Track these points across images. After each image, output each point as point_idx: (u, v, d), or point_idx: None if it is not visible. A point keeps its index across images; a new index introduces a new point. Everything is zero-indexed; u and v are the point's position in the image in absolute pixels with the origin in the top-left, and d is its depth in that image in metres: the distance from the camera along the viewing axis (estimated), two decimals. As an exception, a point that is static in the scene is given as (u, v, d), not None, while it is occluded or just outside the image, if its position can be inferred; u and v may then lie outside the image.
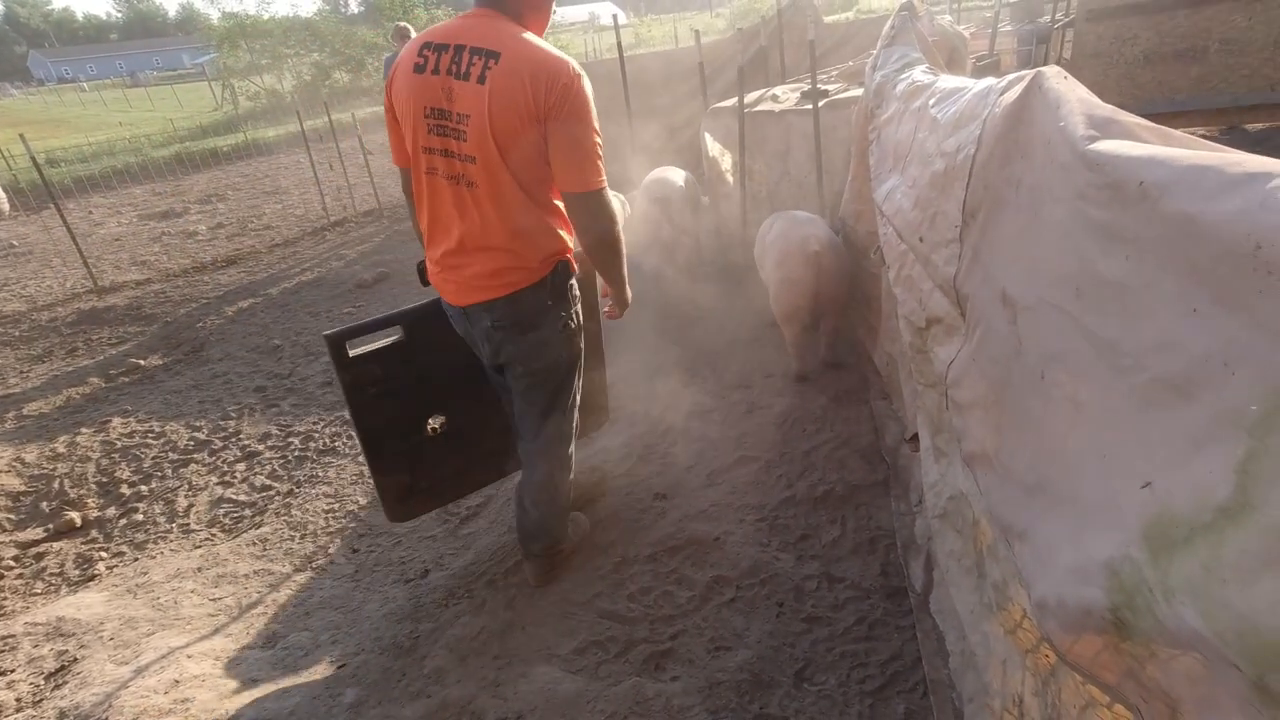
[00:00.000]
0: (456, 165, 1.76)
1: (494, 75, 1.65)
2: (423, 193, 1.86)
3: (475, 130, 1.69)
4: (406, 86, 1.76)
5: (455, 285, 1.91)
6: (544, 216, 1.85)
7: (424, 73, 1.73)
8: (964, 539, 1.66)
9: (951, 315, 1.59)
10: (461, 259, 1.86)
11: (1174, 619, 0.72)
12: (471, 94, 1.67)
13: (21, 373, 4.97)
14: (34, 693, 2.18)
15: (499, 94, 1.65)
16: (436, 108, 1.73)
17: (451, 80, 1.70)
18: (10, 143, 9.94)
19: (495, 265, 1.84)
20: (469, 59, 1.68)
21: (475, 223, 1.80)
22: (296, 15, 29.40)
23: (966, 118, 1.45)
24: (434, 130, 1.76)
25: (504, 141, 1.69)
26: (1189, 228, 0.69)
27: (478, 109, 1.67)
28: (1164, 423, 0.79)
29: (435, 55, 1.72)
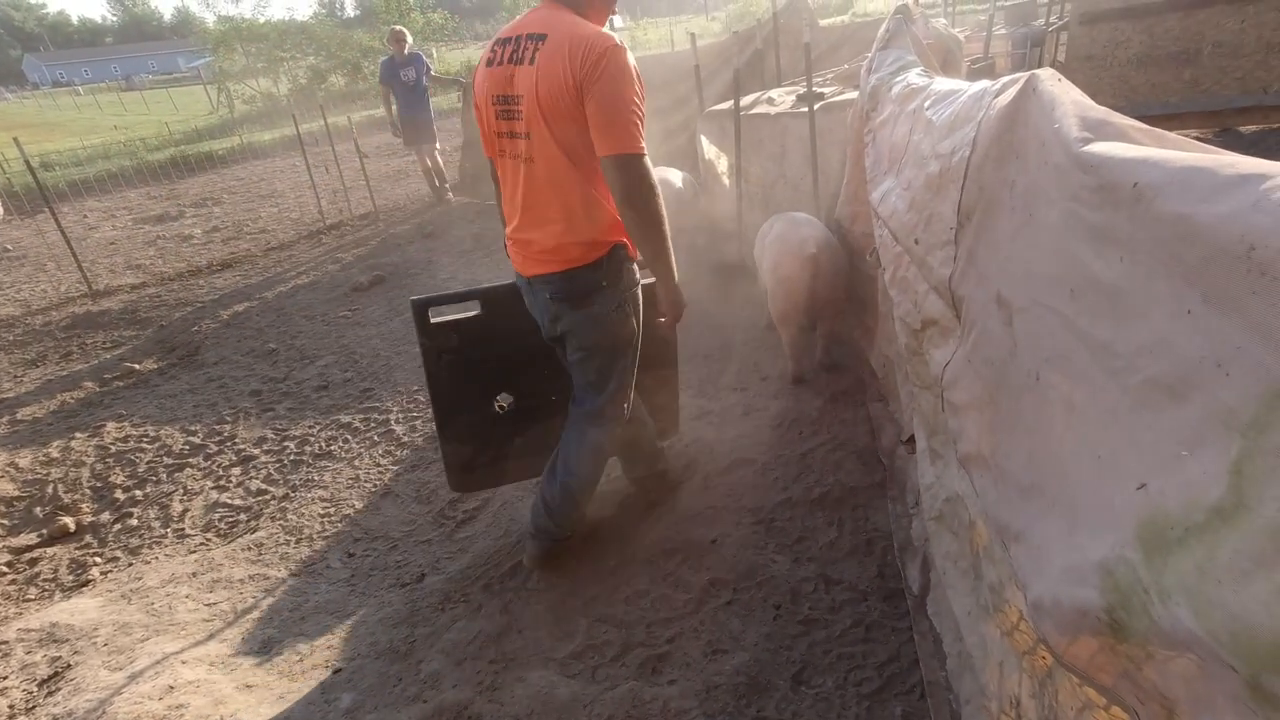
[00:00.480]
0: (520, 144, 1.90)
1: (541, 55, 1.78)
2: (500, 175, 2.07)
3: (528, 109, 1.83)
4: (481, 79, 1.96)
5: (522, 257, 2.07)
6: (596, 195, 1.94)
7: (494, 66, 1.91)
8: (960, 541, 1.66)
9: (947, 317, 1.59)
10: (526, 233, 2.01)
11: (1169, 620, 0.72)
12: (524, 76, 1.82)
13: (15, 377, 4.95)
14: (27, 699, 2.16)
15: (544, 71, 1.77)
16: (501, 94, 1.90)
17: (513, 67, 1.86)
18: (4, 146, 9.91)
19: (554, 241, 1.96)
20: (524, 45, 1.83)
21: (535, 198, 1.94)
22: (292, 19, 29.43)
23: (961, 120, 1.45)
24: (501, 115, 1.93)
25: (550, 115, 1.80)
26: (1182, 229, 0.70)
27: (528, 88, 1.81)
28: (1158, 424, 0.79)
29: (502, 48, 1.89)
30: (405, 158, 11.34)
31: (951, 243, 1.49)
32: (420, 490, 3.14)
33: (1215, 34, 5.60)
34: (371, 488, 3.22)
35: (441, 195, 8.19)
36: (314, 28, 25.56)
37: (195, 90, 35.43)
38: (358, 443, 3.60)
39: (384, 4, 25.95)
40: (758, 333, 3.85)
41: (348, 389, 4.21)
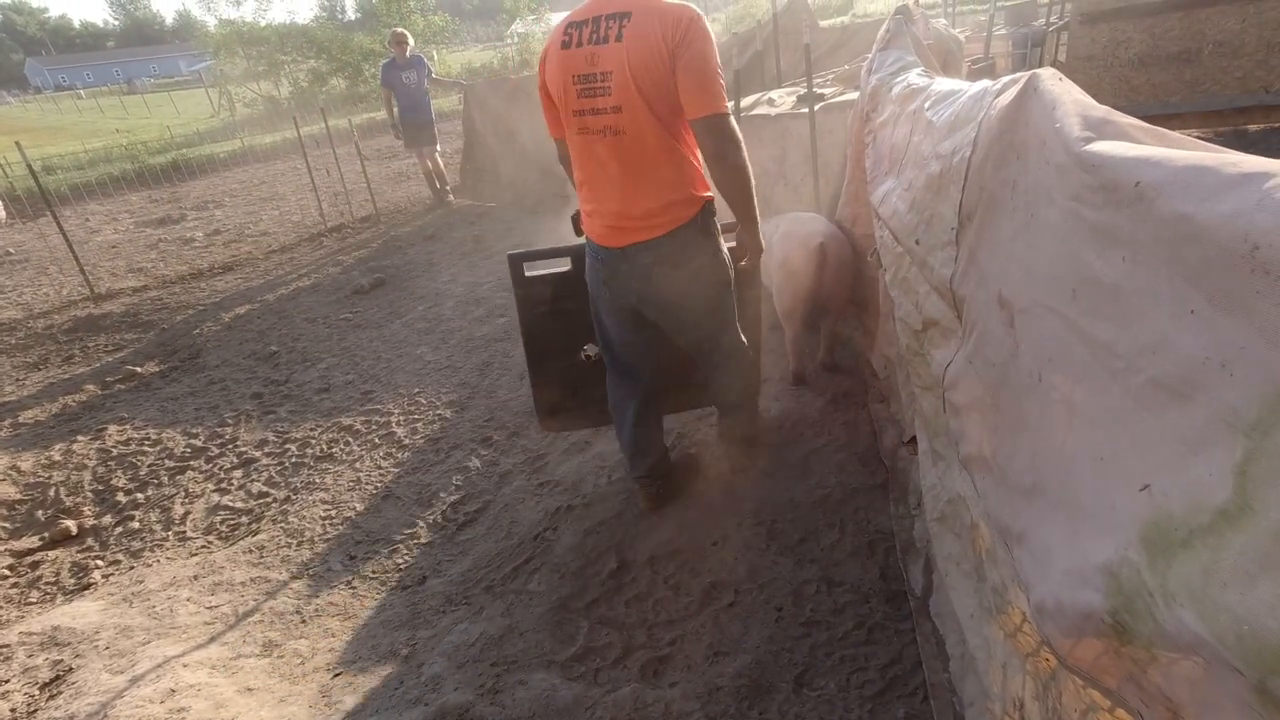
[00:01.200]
0: (605, 119, 1.99)
1: (629, 31, 1.90)
2: (576, 154, 2.14)
3: (618, 83, 1.94)
4: (557, 63, 2.04)
5: (614, 230, 2.13)
6: (687, 156, 2.08)
7: (570, 48, 2.00)
8: (963, 542, 1.66)
9: (948, 318, 1.59)
10: (621, 204, 2.09)
11: (1174, 622, 0.71)
12: (611, 53, 1.93)
13: (17, 380, 4.95)
14: (29, 703, 2.16)
15: (635, 44, 1.90)
16: (582, 74, 1.99)
17: (593, 47, 1.96)
18: (7, 150, 9.93)
19: (656, 204, 2.07)
20: (605, 25, 1.94)
21: (630, 168, 2.03)
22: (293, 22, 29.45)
23: (962, 120, 1.45)
24: (583, 94, 2.01)
25: (644, 84, 1.92)
26: (1185, 229, 0.69)
27: (618, 63, 1.92)
28: (1161, 425, 0.78)
29: (578, 31, 1.99)
30: (406, 160, 11.35)
31: (952, 243, 1.49)
32: (422, 493, 3.13)
33: (1216, 34, 5.59)
34: (373, 490, 3.22)
35: (442, 198, 8.19)
36: (315, 31, 25.59)
37: (197, 93, 35.50)
38: (359, 445, 3.60)
39: (384, 6, 26.00)
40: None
41: (349, 391, 4.21)
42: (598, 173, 2.09)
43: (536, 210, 7.27)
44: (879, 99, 2.39)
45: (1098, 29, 6.00)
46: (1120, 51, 5.98)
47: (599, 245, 2.21)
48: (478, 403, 3.79)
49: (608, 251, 2.18)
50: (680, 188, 2.08)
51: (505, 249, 6.30)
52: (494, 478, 3.13)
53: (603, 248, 2.19)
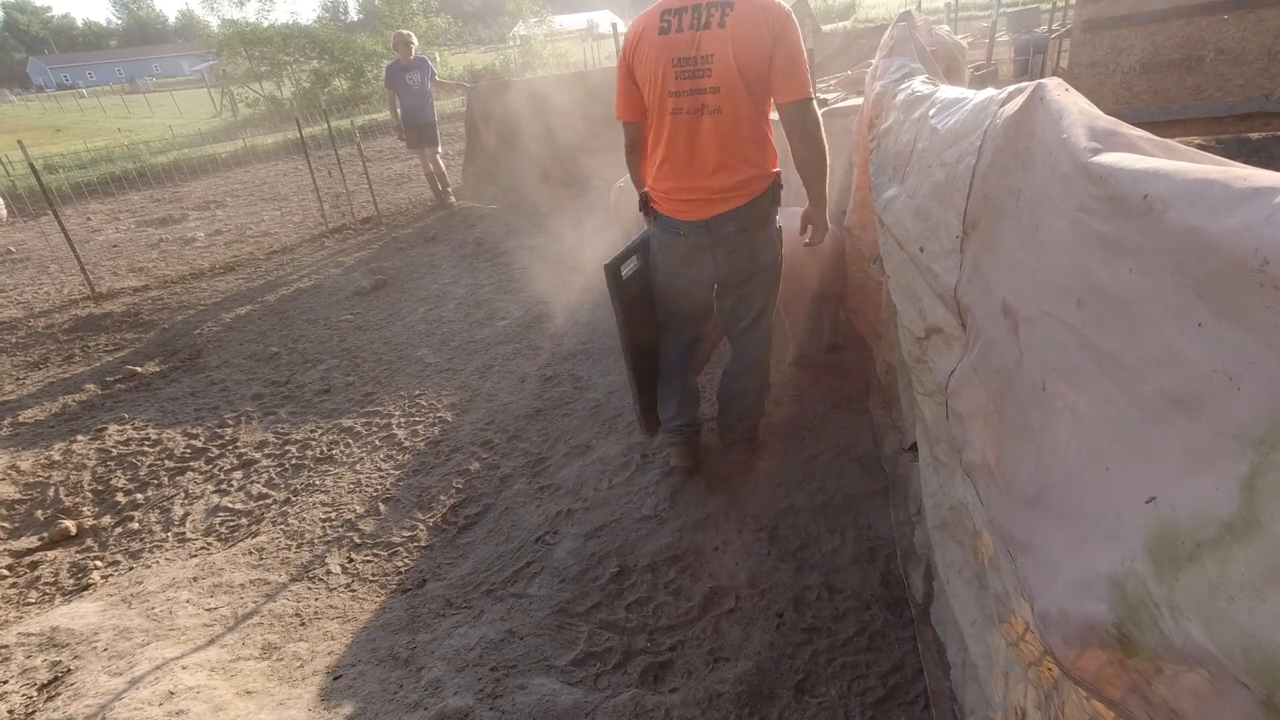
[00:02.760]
0: (704, 99, 2.16)
1: (733, 19, 2.09)
2: (663, 133, 2.27)
3: (720, 65, 2.11)
4: (653, 46, 2.18)
5: (699, 203, 2.30)
6: (767, 134, 2.29)
7: (669, 33, 2.16)
8: (965, 550, 1.65)
9: (951, 325, 1.59)
10: (708, 179, 2.26)
11: (1180, 635, 0.71)
12: (714, 37, 2.11)
13: (18, 380, 4.95)
14: (27, 704, 2.15)
15: (739, 31, 2.08)
16: (683, 56, 2.15)
17: (695, 32, 2.13)
18: (9, 149, 9.94)
19: (738, 178, 2.25)
20: (707, 12, 2.11)
21: (722, 143, 2.20)
22: (295, 22, 29.49)
23: (967, 128, 1.45)
24: (682, 75, 2.16)
25: (745, 68, 2.11)
26: (1193, 242, 0.69)
27: (721, 47, 2.10)
28: (1167, 437, 0.78)
29: (676, 18, 2.16)
30: (408, 161, 11.36)
31: (957, 251, 1.48)
32: (421, 496, 3.13)
33: (1217, 41, 5.61)
34: (373, 492, 3.21)
35: (444, 199, 8.20)
36: (317, 31, 25.60)
37: (199, 93, 35.54)
38: (359, 447, 3.60)
39: (387, 8, 26.03)
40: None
41: (349, 393, 4.21)
42: (687, 149, 2.24)
43: (538, 212, 7.28)
44: (883, 105, 2.39)
45: (1100, 35, 6.01)
46: (1122, 58, 5.99)
47: (680, 220, 2.35)
48: (478, 405, 3.78)
49: (690, 225, 2.34)
50: (761, 163, 2.28)
51: (507, 251, 6.32)
52: (494, 481, 3.12)
53: (685, 222, 2.34)
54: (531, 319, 4.80)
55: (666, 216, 2.39)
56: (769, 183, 2.32)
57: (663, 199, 2.38)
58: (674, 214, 2.36)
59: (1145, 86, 5.99)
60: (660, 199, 2.39)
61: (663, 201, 2.38)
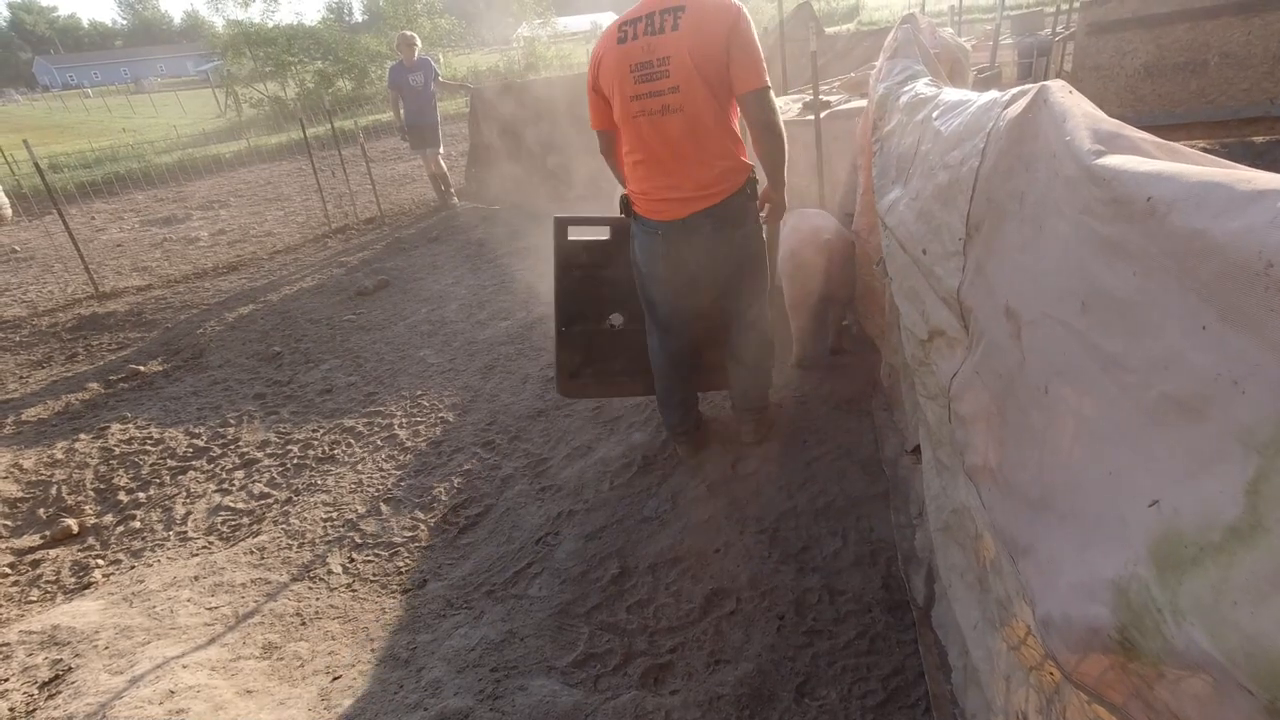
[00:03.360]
0: (665, 99, 2.24)
1: (685, 21, 2.17)
2: (633, 138, 2.34)
3: (676, 65, 2.19)
4: (613, 57, 2.27)
5: (676, 203, 2.35)
6: (733, 128, 2.34)
7: (626, 42, 2.25)
8: (966, 553, 1.65)
9: (954, 328, 1.58)
10: (680, 179, 2.32)
11: (1183, 640, 0.71)
12: (668, 41, 2.19)
13: (21, 378, 4.96)
14: (28, 702, 2.16)
15: (692, 32, 2.16)
16: (640, 62, 2.23)
17: (649, 38, 2.21)
18: (14, 148, 9.97)
19: (709, 175, 2.32)
20: (660, 19, 2.20)
21: (690, 141, 2.27)
22: (300, 23, 29.56)
23: (970, 130, 1.45)
24: (640, 79, 2.24)
25: (701, 65, 2.18)
26: (1198, 244, 0.69)
27: (676, 49, 2.18)
28: (1171, 440, 0.78)
29: (631, 27, 2.24)
30: (411, 162, 11.37)
31: (960, 253, 1.48)
32: (423, 496, 3.13)
33: (1222, 45, 5.59)
34: (374, 492, 3.22)
35: (446, 200, 8.20)
36: (321, 32, 25.66)
37: (203, 94, 35.64)
38: (361, 447, 3.60)
39: (391, 9, 26.09)
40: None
41: (351, 393, 4.21)
42: (658, 150, 2.31)
43: (540, 213, 7.29)
44: (886, 107, 2.39)
45: (1104, 39, 6.00)
46: (1127, 61, 5.98)
47: (659, 221, 2.40)
48: (480, 406, 3.78)
49: (668, 225, 2.39)
50: (732, 155, 2.34)
51: (509, 252, 6.32)
52: (496, 481, 3.12)
53: (663, 222, 2.39)
54: (534, 319, 4.80)
55: (645, 218, 2.44)
56: (744, 177, 2.38)
57: (641, 200, 2.44)
58: (652, 214, 2.41)
59: (1149, 90, 5.98)
60: (639, 200, 2.45)
61: (641, 202, 2.44)
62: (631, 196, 2.48)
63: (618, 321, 2.88)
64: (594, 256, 2.77)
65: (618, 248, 2.73)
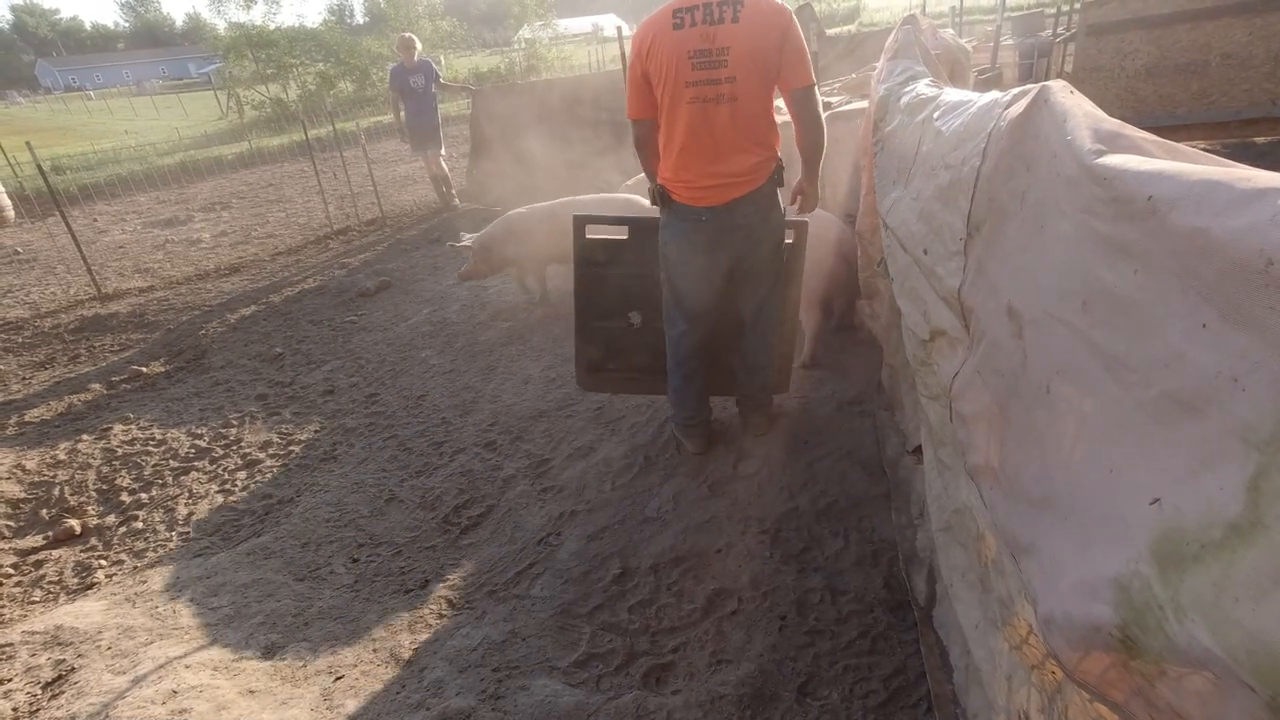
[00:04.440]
0: (721, 88, 2.30)
1: (745, 14, 2.25)
2: (681, 123, 2.36)
3: (736, 56, 2.26)
4: (668, 42, 2.29)
5: (718, 188, 2.42)
6: (774, 122, 2.44)
7: (683, 29, 2.28)
8: (968, 553, 1.65)
9: (955, 328, 1.59)
10: (723, 165, 2.39)
11: (1185, 637, 0.71)
12: (728, 31, 2.25)
13: (24, 379, 4.97)
14: (31, 703, 2.16)
15: (751, 25, 2.25)
16: (699, 49, 2.27)
17: (708, 27, 2.26)
18: (17, 150, 10.00)
19: (751, 162, 2.40)
20: (719, 9, 2.25)
21: (738, 129, 2.35)
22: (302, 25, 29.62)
23: (971, 131, 1.45)
24: (698, 66, 2.29)
25: (758, 59, 2.28)
26: (1198, 243, 0.69)
27: (736, 40, 2.25)
28: (1173, 438, 0.78)
29: (688, 15, 2.27)
30: (412, 163, 11.38)
31: (961, 253, 1.49)
32: (425, 496, 3.13)
33: (1223, 45, 5.60)
34: (376, 493, 3.22)
35: (448, 201, 8.22)
36: (323, 34, 25.73)
37: (205, 96, 35.70)
38: (363, 448, 3.61)
39: (393, 11, 26.15)
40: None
41: (353, 394, 4.22)
42: (705, 137, 2.37)
43: (543, 215, 7.28)
44: (887, 108, 2.39)
45: (1105, 40, 6.01)
46: (1127, 62, 5.98)
47: (700, 207, 2.46)
48: (482, 407, 3.79)
49: (710, 211, 2.45)
50: (770, 145, 2.44)
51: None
52: (497, 482, 3.13)
53: (705, 209, 2.45)
54: (535, 320, 4.80)
55: (686, 205, 2.48)
56: (775, 165, 2.48)
57: (683, 188, 2.47)
58: (694, 201, 2.46)
59: (1150, 91, 5.98)
60: (680, 188, 2.48)
61: (682, 190, 2.47)
62: (669, 185, 2.51)
63: (636, 320, 2.94)
64: (611, 254, 2.84)
65: (635, 247, 2.80)
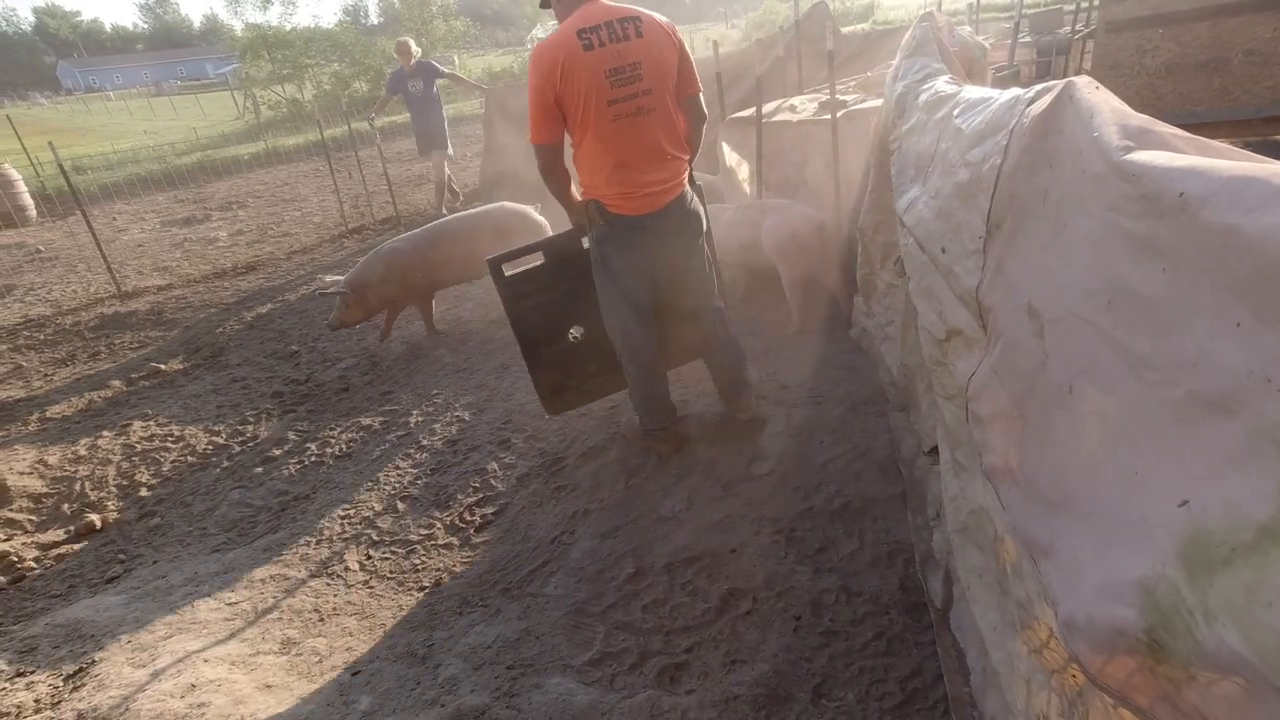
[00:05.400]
0: (641, 100, 2.42)
1: (646, 30, 2.40)
2: (609, 140, 2.44)
3: (647, 69, 2.40)
4: (582, 64, 2.33)
5: (652, 195, 2.56)
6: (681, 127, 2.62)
7: (593, 50, 2.34)
8: (986, 555, 1.63)
9: (972, 327, 1.57)
10: (656, 174, 2.53)
11: (1214, 642, 0.70)
12: (636, 47, 2.38)
13: (45, 376, 5.05)
14: (53, 694, 2.19)
15: (653, 40, 2.41)
16: (614, 67, 2.36)
17: (617, 45, 2.36)
18: (39, 150, 10.15)
19: (676, 167, 2.59)
20: (621, 27, 2.36)
21: (660, 139, 2.50)
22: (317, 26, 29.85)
23: (992, 128, 1.44)
24: (616, 84, 2.37)
25: (666, 70, 2.46)
26: (1231, 240, 0.68)
27: (645, 55, 2.39)
28: (1200, 439, 0.77)
29: (593, 35, 2.34)
30: (426, 163, 11.42)
31: (980, 252, 1.47)
32: (439, 494, 3.15)
33: (1246, 42, 5.50)
34: (390, 490, 3.24)
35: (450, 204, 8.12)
36: (338, 35, 25.92)
37: (222, 96, 36.08)
38: (377, 445, 3.63)
39: (406, 11, 26.30)
40: (775, 340, 3.83)
41: (368, 391, 4.24)
42: (637, 149, 2.47)
43: (556, 214, 7.29)
44: (905, 106, 2.37)
45: (1124, 36, 5.93)
46: (1147, 59, 5.90)
47: (636, 216, 2.57)
48: (495, 405, 3.80)
49: (646, 218, 2.58)
50: (686, 149, 2.63)
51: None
52: (511, 480, 3.13)
53: (641, 216, 2.57)
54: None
55: (626, 215, 2.57)
56: (688, 167, 2.70)
57: (622, 200, 2.54)
58: (634, 211, 2.56)
59: (1170, 89, 5.89)
60: (618, 201, 2.55)
61: (622, 203, 2.55)
62: (606, 200, 2.56)
63: (578, 334, 2.99)
64: (536, 283, 2.85)
65: (555, 267, 2.83)
